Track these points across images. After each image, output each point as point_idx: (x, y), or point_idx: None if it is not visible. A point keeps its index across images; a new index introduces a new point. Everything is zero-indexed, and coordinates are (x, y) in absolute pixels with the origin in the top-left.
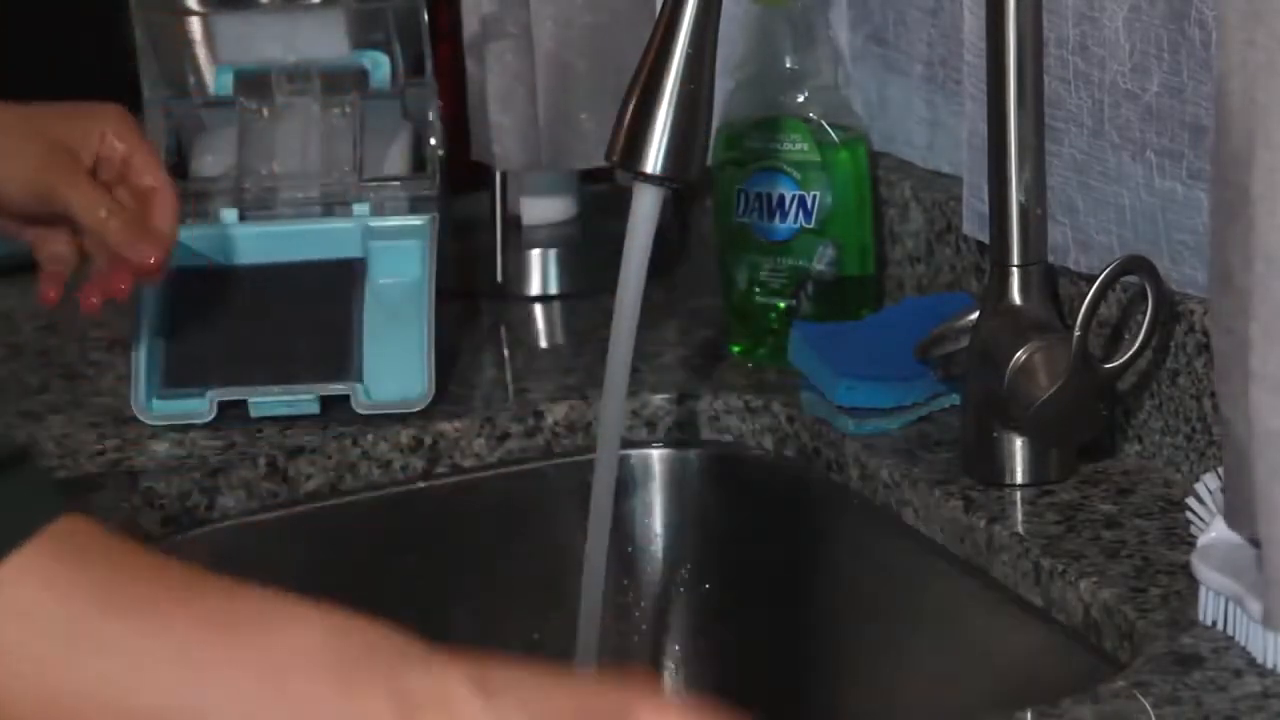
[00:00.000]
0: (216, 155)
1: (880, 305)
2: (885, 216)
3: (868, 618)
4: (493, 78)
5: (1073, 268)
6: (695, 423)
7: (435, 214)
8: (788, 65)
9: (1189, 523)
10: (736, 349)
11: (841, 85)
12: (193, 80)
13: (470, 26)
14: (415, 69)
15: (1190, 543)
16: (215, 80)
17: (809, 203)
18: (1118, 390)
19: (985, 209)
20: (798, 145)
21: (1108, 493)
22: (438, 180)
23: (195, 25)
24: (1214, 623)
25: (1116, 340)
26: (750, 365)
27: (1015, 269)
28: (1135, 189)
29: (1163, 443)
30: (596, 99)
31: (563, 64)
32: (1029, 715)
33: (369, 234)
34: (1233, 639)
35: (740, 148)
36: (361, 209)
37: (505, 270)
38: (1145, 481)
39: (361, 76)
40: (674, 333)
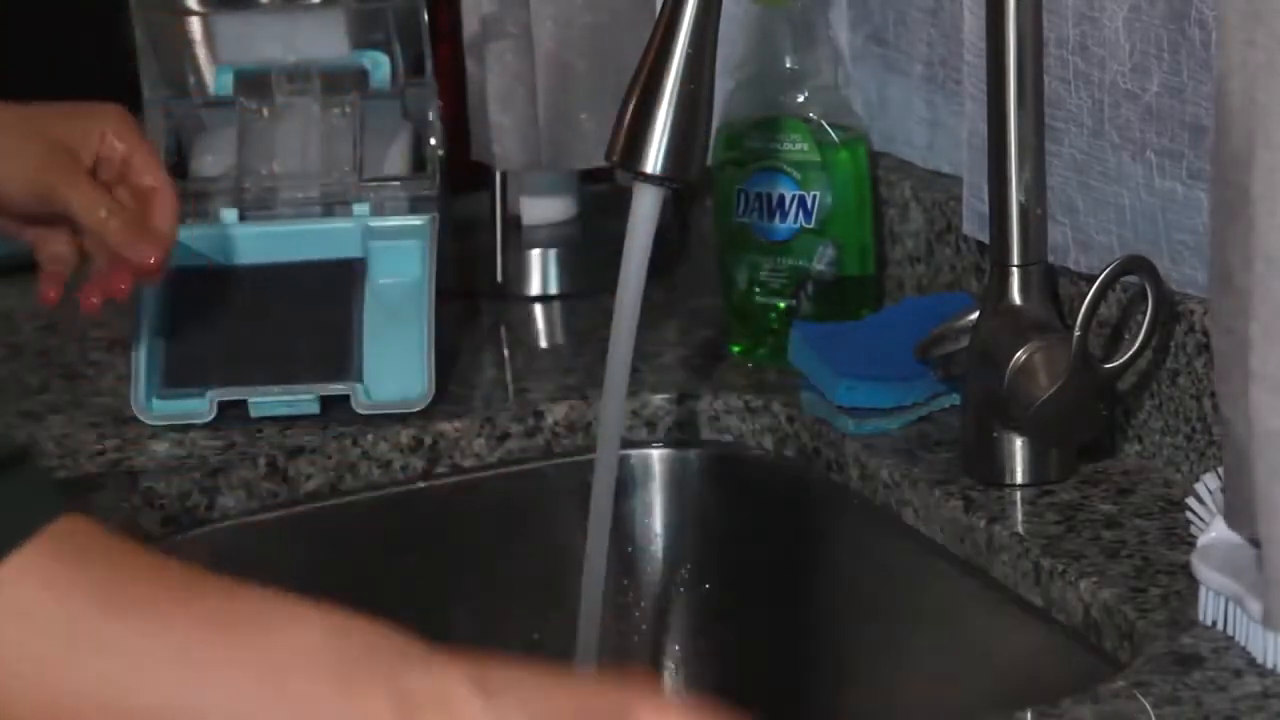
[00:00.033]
0: (216, 155)
1: (880, 305)
2: (885, 216)
3: (868, 618)
4: (493, 78)
5: (1073, 268)
6: (695, 423)
7: (435, 214)
8: (788, 65)
9: (1189, 523)
10: (736, 349)
11: (841, 85)
12: (193, 80)
13: (470, 26)
14: (415, 69)
15: (1190, 543)
16: (215, 80)
17: (809, 203)
18: (1118, 390)
19: (985, 209)
20: (798, 145)
21: (1108, 493)
22: (438, 180)
23: (195, 25)
24: (1214, 623)
25: (1116, 340)
26: (750, 365)
27: (1015, 269)
28: (1135, 189)
29: (1163, 443)
30: (596, 99)
31: (563, 64)
32: (1029, 715)
33: (369, 234)
34: (1233, 639)
35: (740, 148)
36: (361, 209)
37: (505, 270)
38: (1145, 481)
39: (361, 76)
40: (674, 333)
